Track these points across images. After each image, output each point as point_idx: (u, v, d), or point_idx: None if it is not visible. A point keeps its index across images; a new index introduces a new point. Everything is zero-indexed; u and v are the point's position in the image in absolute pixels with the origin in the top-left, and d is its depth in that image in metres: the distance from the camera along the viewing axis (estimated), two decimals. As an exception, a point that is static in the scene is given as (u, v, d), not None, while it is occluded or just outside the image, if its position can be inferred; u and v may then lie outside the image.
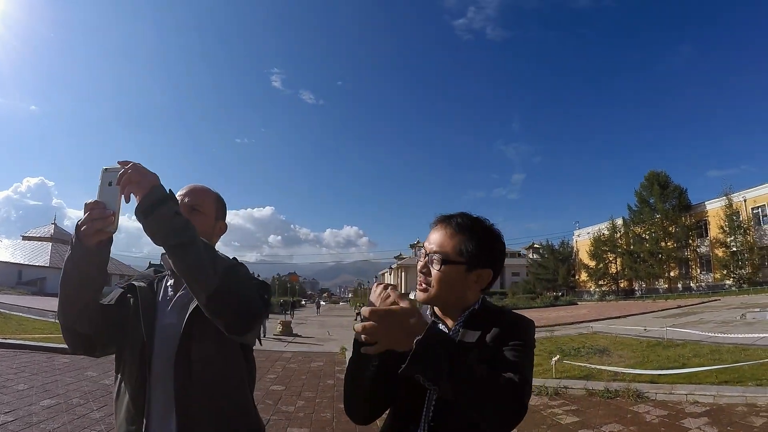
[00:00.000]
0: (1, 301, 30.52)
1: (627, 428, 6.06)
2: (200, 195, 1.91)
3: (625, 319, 24.79)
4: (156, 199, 1.44)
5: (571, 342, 15.00)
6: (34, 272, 59.64)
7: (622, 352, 12.57)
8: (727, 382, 7.75)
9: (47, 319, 20.86)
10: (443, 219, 1.64)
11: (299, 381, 10.22)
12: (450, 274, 1.55)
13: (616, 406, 7.22)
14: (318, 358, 14.17)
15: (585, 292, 68.37)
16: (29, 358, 11.28)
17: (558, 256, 74.98)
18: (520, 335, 1.54)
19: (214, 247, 1.66)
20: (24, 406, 6.92)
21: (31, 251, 64.12)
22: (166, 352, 1.68)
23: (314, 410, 7.66)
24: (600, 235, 65.45)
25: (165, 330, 1.72)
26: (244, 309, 1.59)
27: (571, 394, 8.15)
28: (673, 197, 58.23)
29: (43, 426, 6.04)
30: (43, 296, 47.55)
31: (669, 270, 58.08)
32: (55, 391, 8.01)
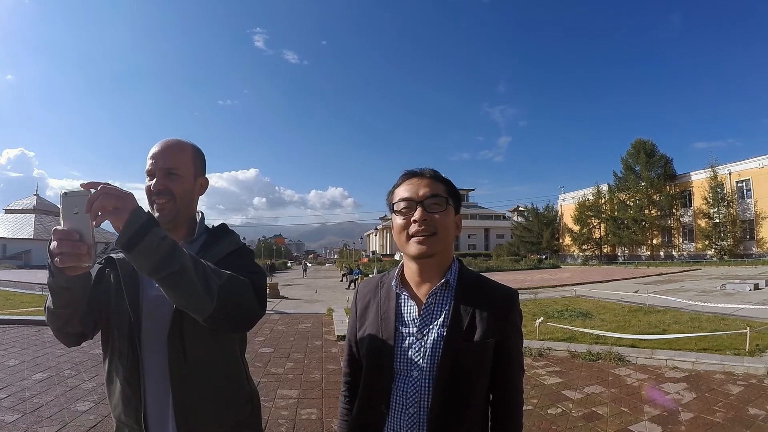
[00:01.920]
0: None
1: (608, 390, 6.30)
2: (176, 155, 1.74)
3: (607, 284, 25.16)
4: (138, 226, 1.28)
5: (554, 305, 15.32)
6: (18, 245, 59.25)
7: (605, 316, 12.89)
8: (705, 350, 8.02)
9: (34, 292, 20.74)
10: (417, 172, 1.63)
11: (287, 343, 10.34)
12: (448, 217, 1.57)
13: (598, 369, 7.49)
14: (305, 319, 14.26)
15: (569, 256, 69.16)
16: (18, 332, 11.24)
17: (543, 220, 75.55)
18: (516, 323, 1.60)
19: (205, 265, 1.45)
20: (16, 382, 6.98)
21: (14, 224, 63.50)
22: (156, 327, 1.63)
23: (303, 371, 7.80)
24: (585, 200, 66.05)
25: (152, 302, 1.66)
26: (242, 320, 1.57)
27: (554, 356, 8.42)
28: (658, 166, 58.69)
29: (37, 400, 6.11)
30: (29, 269, 47.13)
31: (652, 237, 59.04)
32: (46, 365, 8.08)
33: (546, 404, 5.75)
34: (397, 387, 1.54)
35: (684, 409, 5.49)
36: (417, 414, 1.50)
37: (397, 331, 1.57)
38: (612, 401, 5.83)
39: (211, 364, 1.69)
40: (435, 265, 1.59)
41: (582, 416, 5.35)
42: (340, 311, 14.95)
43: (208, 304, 1.41)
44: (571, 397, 6.05)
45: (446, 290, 1.58)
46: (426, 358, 1.51)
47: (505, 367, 1.56)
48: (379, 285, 1.74)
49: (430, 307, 1.57)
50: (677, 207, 57.46)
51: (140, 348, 1.63)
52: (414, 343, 1.54)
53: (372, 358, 1.62)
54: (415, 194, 1.56)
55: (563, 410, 5.56)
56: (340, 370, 7.64)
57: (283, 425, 5.28)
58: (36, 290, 21.53)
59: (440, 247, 1.55)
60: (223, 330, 1.60)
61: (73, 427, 5.17)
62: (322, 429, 5.20)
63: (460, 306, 1.54)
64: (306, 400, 6.23)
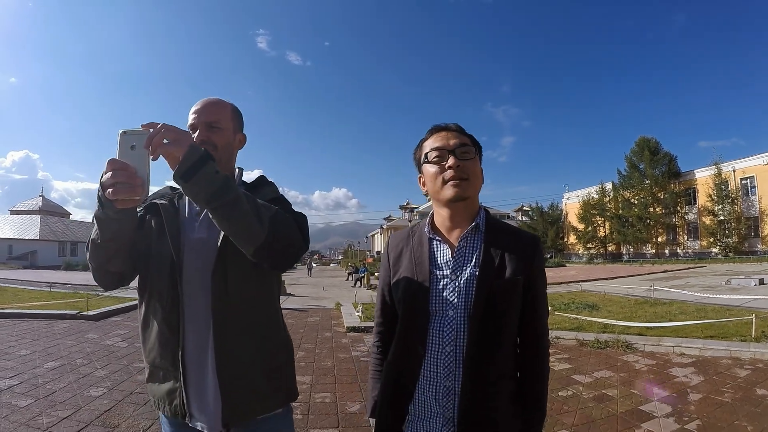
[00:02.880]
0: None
1: (617, 374, 6.34)
2: (217, 109, 1.81)
3: (612, 281, 25.18)
4: (196, 159, 1.37)
5: (561, 298, 15.33)
6: (24, 246, 59.22)
7: (611, 308, 12.90)
8: (712, 337, 8.04)
9: (42, 289, 20.88)
10: (443, 126, 1.72)
11: (298, 334, 10.40)
12: (478, 166, 1.68)
13: (606, 356, 7.52)
14: (314, 313, 14.35)
15: (573, 254, 68.81)
16: (29, 325, 11.31)
17: (547, 219, 75.08)
18: (540, 264, 1.68)
19: (255, 198, 1.54)
20: (28, 370, 7.04)
21: (20, 225, 63.46)
22: (199, 267, 1.68)
23: (314, 360, 7.89)
24: (589, 199, 65.40)
25: (195, 245, 1.72)
26: (290, 252, 1.62)
27: (562, 344, 8.46)
28: (662, 164, 58.20)
29: (49, 386, 6.17)
30: (35, 269, 47.30)
31: (657, 235, 58.60)
32: (57, 354, 8.15)
33: (557, 387, 5.78)
34: (434, 327, 1.60)
35: (693, 391, 5.53)
36: (453, 352, 1.57)
37: (431, 274, 1.64)
38: (621, 384, 5.87)
39: (252, 304, 1.73)
40: (465, 210, 1.67)
41: (593, 398, 5.39)
42: (348, 306, 14.99)
43: (261, 233, 1.48)
44: (581, 381, 6.09)
45: (476, 234, 1.66)
46: (461, 297, 1.57)
47: (533, 305, 1.63)
48: (410, 234, 1.82)
49: (463, 249, 1.64)
50: (682, 205, 57.00)
51: (181, 289, 1.67)
52: (449, 284, 1.61)
53: (408, 301, 1.68)
54: (446, 144, 1.65)
55: (574, 392, 5.61)
56: (352, 358, 7.82)
57: (298, 408, 5.32)
58: (44, 288, 21.64)
59: (472, 191, 1.64)
60: (270, 264, 1.60)
61: (87, 411, 5.22)
62: (336, 411, 5.25)
63: (490, 248, 1.62)
64: (319, 386, 6.29)
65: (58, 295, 18.03)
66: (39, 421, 4.94)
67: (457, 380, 1.55)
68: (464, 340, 1.55)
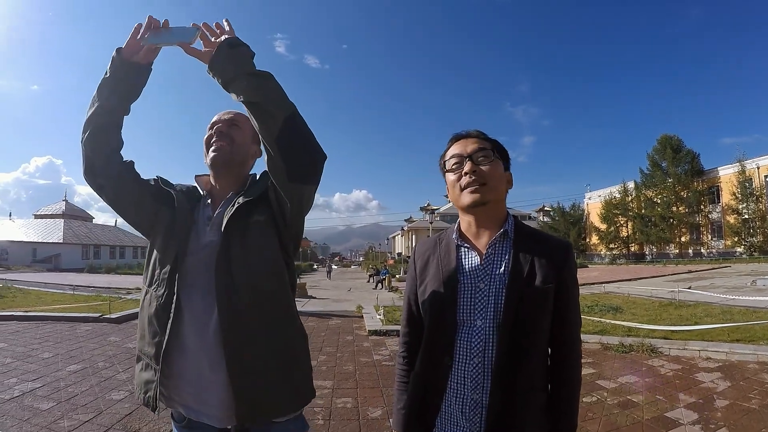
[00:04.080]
0: (18, 279, 31.04)
1: (643, 380, 6.24)
2: (238, 115, 1.94)
3: (636, 282, 24.92)
4: (240, 40, 1.63)
5: (584, 300, 15.01)
6: (48, 249, 60.12)
7: (635, 310, 12.73)
8: (739, 341, 7.89)
9: (65, 292, 21.12)
10: (463, 133, 1.72)
11: (319, 338, 10.39)
12: (498, 170, 1.64)
13: (631, 360, 7.41)
14: (335, 316, 14.34)
15: (596, 255, 68.25)
16: (52, 328, 11.44)
17: (569, 219, 74.37)
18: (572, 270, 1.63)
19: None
20: (51, 373, 7.10)
21: (44, 229, 64.52)
22: (202, 270, 1.72)
23: (336, 364, 7.86)
24: (611, 198, 64.81)
25: (202, 248, 1.77)
26: (313, 141, 1.68)
27: (586, 348, 8.28)
28: (685, 162, 57.44)
29: (71, 389, 6.22)
30: (59, 272, 48.22)
31: (680, 235, 57.81)
32: (80, 357, 8.22)
33: (581, 393, 5.66)
34: (461, 338, 1.57)
35: (719, 397, 5.42)
36: (482, 363, 1.53)
37: (459, 283, 1.61)
38: (647, 390, 5.77)
39: (261, 292, 1.75)
40: (490, 216, 1.65)
41: (617, 404, 5.31)
42: (370, 308, 14.94)
43: (290, 103, 1.63)
44: (605, 387, 5.99)
45: (505, 240, 1.63)
46: (490, 306, 1.54)
47: (564, 314, 1.59)
48: (437, 242, 1.79)
49: (491, 256, 1.62)
50: (705, 203, 56.12)
51: (178, 289, 1.71)
52: (477, 293, 1.57)
53: (435, 310, 1.65)
54: (463, 150, 1.65)
55: (598, 398, 5.52)
56: (373, 362, 7.77)
57: (319, 413, 5.31)
58: (66, 290, 21.87)
59: (491, 196, 1.61)
60: (296, 149, 1.64)
61: (109, 414, 5.25)
62: (359, 416, 5.23)
63: (519, 254, 1.58)
64: (341, 390, 6.26)
65: (81, 297, 18.27)
66: (60, 424, 4.98)
67: (485, 393, 1.51)
68: (493, 350, 1.52)
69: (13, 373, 7.04)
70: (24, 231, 64.48)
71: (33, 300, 17.20)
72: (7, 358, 8.03)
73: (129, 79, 1.75)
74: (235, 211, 1.76)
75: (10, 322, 12.29)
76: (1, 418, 5.15)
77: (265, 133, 1.60)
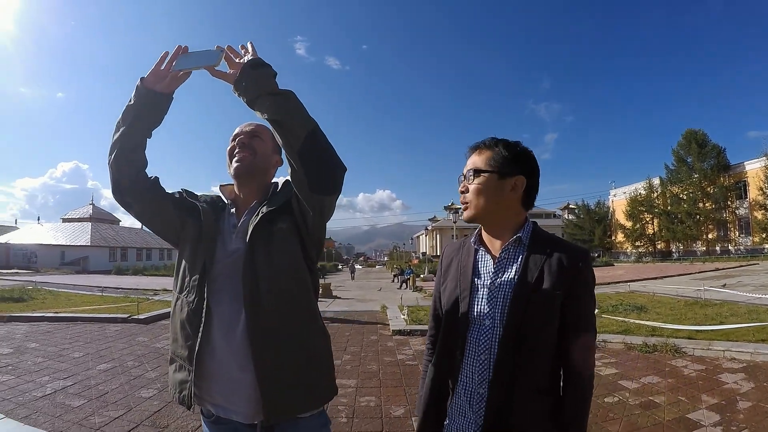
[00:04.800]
0: (47, 281, 31.58)
1: (665, 380, 6.21)
2: (259, 127, 2.03)
3: (662, 280, 24.66)
4: (263, 61, 1.71)
5: (609, 299, 15.01)
6: (76, 252, 61.31)
7: (660, 309, 12.61)
8: (764, 341, 7.80)
9: (94, 294, 21.54)
10: (473, 145, 1.79)
11: (344, 337, 10.47)
12: (485, 184, 1.69)
13: (655, 360, 7.38)
14: (359, 316, 14.38)
15: (621, 253, 67.35)
16: (82, 328, 11.69)
17: (594, 217, 73.49)
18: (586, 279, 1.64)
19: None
20: (81, 371, 7.30)
21: (71, 232, 65.72)
22: (229, 275, 1.82)
23: (360, 363, 7.93)
24: (636, 195, 63.87)
25: (229, 255, 1.85)
26: (333, 155, 1.76)
27: (609, 348, 8.32)
28: (711, 156, 56.34)
29: (101, 387, 6.40)
30: (87, 274, 49.27)
31: (707, 232, 56.74)
32: (109, 357, 8.41)
33: (602, 393, 5.70)
34: (471, 335, 1.67)
35: (742, 399, 5.39)
36: (488, 360, 1.61)
37: (473, 284, 1.71)
38: (669, 390, 5.75)
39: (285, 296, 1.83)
40: (497, 225, 1.74)
41: (639, 404, 5.31)
42: (394, 308, 15.00)
43: (312, 121, 1.71)
44: (627, 387, 5.99)
45: (518, 246, 1.69)
46: (497, 308, 1.62)
47: (574, 322, 1.61)
48: (461, 245, 1.89)
49: (503, 261, 1.69)
50: (732, 199, 54.93)
51: (208, 294, 1.81)
52: (487, 294, 1.66)
53: (450, 308, 1.76)
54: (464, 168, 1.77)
55: (620, 399, 5.52)
56: (397, 362, 7.85)
57: (343, 411, 5.40)
58: (95, 292, 22.26)
59: (473, 213, 1.73)
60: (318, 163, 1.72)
61: (138, 411, 5.40)
62: (381, 415, 5.30)
63: (530, 260, 1.63)
64: (364, 389, 6.34)
65: (110, 299, 18.57)
66: (91, 420, 5.14)
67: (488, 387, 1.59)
68: (497, 349, 1.59)
69: (45, 372, 7.23)
70: (52, 234, 65.70)
71: (63, 302, 17.50)
72: (39, 358, 8.23)
73: (151, 107, 1.85)
74: (260, 219, 1.84)
75: (41, 323, 12.55)
76: (34, 415, 5.32)
77: (288, 149, 1.69)
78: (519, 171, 1.70)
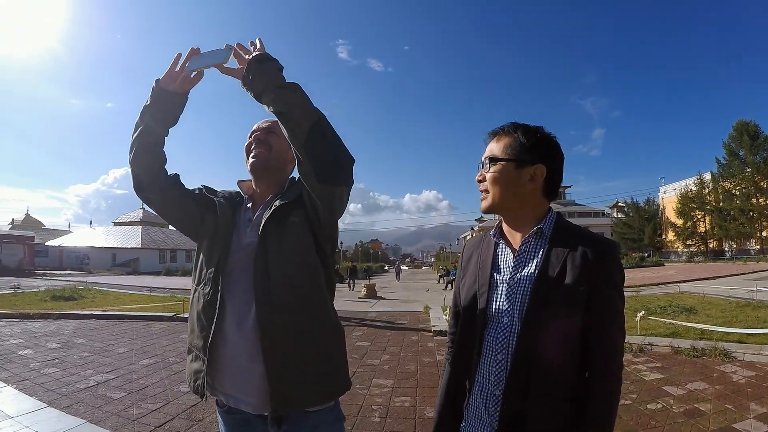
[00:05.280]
0: (98, 281, 33.07)
1: (712, 387, 5.98)
2: (276, 123, 2.01)
3: (713, 281, 23.95)
4: (269, 56, 1.73)
5: (657, 301, 14.61)
6: (127, 254, 63.83)
7: (710, 311, 12.18)
8: (821, 346, 7.45)
9: (142, 293, 22.33)
10: (492, 131, 1.70)
11: (384, 338, 10.47)
12: (502, 173, 1.61)
13: (702, 365, 7.12)
14: (402, 316, 14.39)
15: (672, 252, 65.68)
16: (128, 325, 12.13)
17: (643, 215, 71.68)
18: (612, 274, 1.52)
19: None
20: (124, 366, 7.60)
21: (122, 235, 68.34)
22: (244, 268, 1.85)
23: (399, 363, 7.90)
24: (687, 192, 62.04)
25: (243, 248, 1.89)
26: (340, 145, 1.78)
27: (655, 352, 8.06)
28: (763, 149, 54.43)
29: (142, 381, 6.66)
30: (137, 275, 51.20)
31: (761, 229, 54.63)
32: (152, 352, 8.71)
33: (645, 399, 5.53)
34: (489, 333, 1.60)
35: (796, 408, 5.16)
36: (505, 360, 1.53)
37: (492, 279, 1.63)
38: (716, 398, 5.53)
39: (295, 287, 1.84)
40: (516, 216, 1.66)
41: (683, 412, 5.11)
42: (437, 309, 14.93)
43: (317, 111, 1.73)
44: (672, 393, 5.78)
45: (540, 238, 1.60)
46: (515, 304, 1.54)
47: (599, 322, 1.50)
48: (482, 239, 1.82)
49: (523, 254, 1.60)
50: (788, 193, 53.08)
51: (222, 286, 1.86)
52: (506, 290, 1.57)
53: (468, 305, 1.68)
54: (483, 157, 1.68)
55: (663, 406, 5.34)
56: (436, 363, 7.83)
57: (376, 411, 5.40)
58: (144, 292, 23.18)
59: (491, 203, 1.64)
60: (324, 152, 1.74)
61: (175, 405, 5.56)
62: (415, 416, 5.26)
63: (551, 253, 1.54)
64: (400, 389, 6.31)
65: (157, 298, 19.25)
66: (129, 412, 5.33)
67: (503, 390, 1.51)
68: (514, 349, 1.50)
69: (90, 366, 7.53)
70: (104, 237, 68.98)
71: (111, 300, 18.18)
72: (85, 352, 8.57)
73: (166, 106, 1.91)
74: (272, 212, 1.88)
75: (89, 320, 13.05)
76: (75, 405, 5.56)
77: (293, 140, 1.72)
78: (538, 159, 1.60)
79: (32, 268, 53.03)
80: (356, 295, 24.42)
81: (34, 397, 5.87)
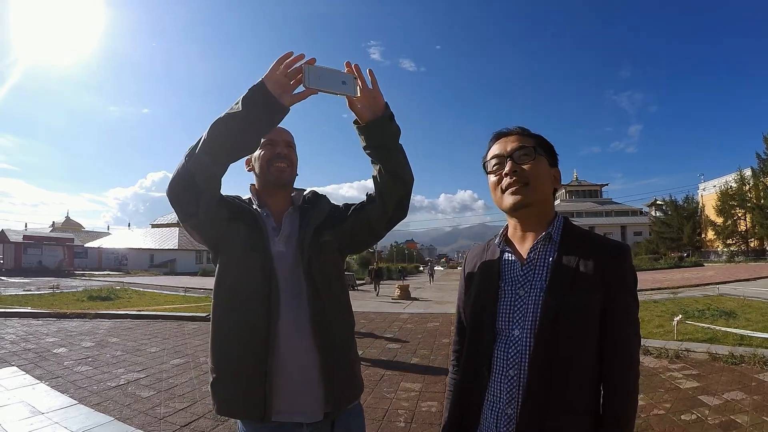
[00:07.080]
0: (136, 281, 34.46)
1: (750, 397, 5.77)
2: (291, 137, 2.11)
3: (755, 282, 23.36)
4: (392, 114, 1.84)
5: (696, 304, 14.21)
6: (164, 255, 65.44)
7: (750, 315, 11.79)
8: None
9: (177, 294, 22.94)
10: (504, 131, 1.65)
11: (415, 340, 10.44)
12: (541, 167, 1.56)
13: (741, 373, 6.88)
14: (434, 318, 14.34)
15: (712, 252, 63.94)
16: (161, 325, 12.42)
17: (682, 213, 69.83)
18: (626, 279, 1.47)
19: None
20: (155, 365, 7.77)
21: (160, 237, 70.03)
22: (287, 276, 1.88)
23: (428, 367, 7.88)
24: (727, 189, 60.00)
25: (278, 257, 1.90)
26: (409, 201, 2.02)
27: (692, 358, 7.82)
28: (807, 143, 52.64)
29: (171, 380, 6.79)
30: (174, 275, 52.85)
31: (805, 228, 53.15)
32: (184, 352, 8.88)
33: (680, 409, 5.37)
34: (499, 348, 1.51)
35: (840, 421, 4.96)
36: (517, 376, 1.45)
37: (499, 290, 1.56)
38: (753, 409, 5.33)
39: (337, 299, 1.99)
40: (534, 218, 1.59)
41: (718, 424, 4.94)
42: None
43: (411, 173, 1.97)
44: (708, 403, 5.60)
45: (549, 244, 1.55)
46: (527, 316, 1.47)
47: (614, 329, 1.44)
48: (485, 248, 1.75)
49: (532, 262, 1.54)
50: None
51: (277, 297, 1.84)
52: (516, 300, 1.50)
53: (474, 319, 1.61)
54: (503, 150, 1.59)
55: (698, 417, 5.17)
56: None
57: (402, 415, 5.39)
58: (179, 292, 23.83)
59: (534, 196, 1.54)
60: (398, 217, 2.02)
61: (202, 404, 5.65)
62: (441, 421, 5.17)
63: (562, 259, 1.48)
64: (428, 394, 6.27)
65: (191, 299, 19.72)
66: (157, 410, 5.46)
67: (518, 408, 1.42)
68: (527, 364, 1.43)
69: (122, 365, 7.74)
70: (142, 239, 71.23)
71: (147, 300, 18.73)
72: (118, 351, 8.81)
73: (266, 118, 1.65)
74: (313, 232, 1.97)
75: (124, 320, 13.43)
76: (104, 402, 5.73)
77: (392, 194, 1.91)
78: (556, 164, 1.64)
79: (72, 269, 54.93)
80: (387, 297, 23.83)
81: (66, 394, 6.06)
